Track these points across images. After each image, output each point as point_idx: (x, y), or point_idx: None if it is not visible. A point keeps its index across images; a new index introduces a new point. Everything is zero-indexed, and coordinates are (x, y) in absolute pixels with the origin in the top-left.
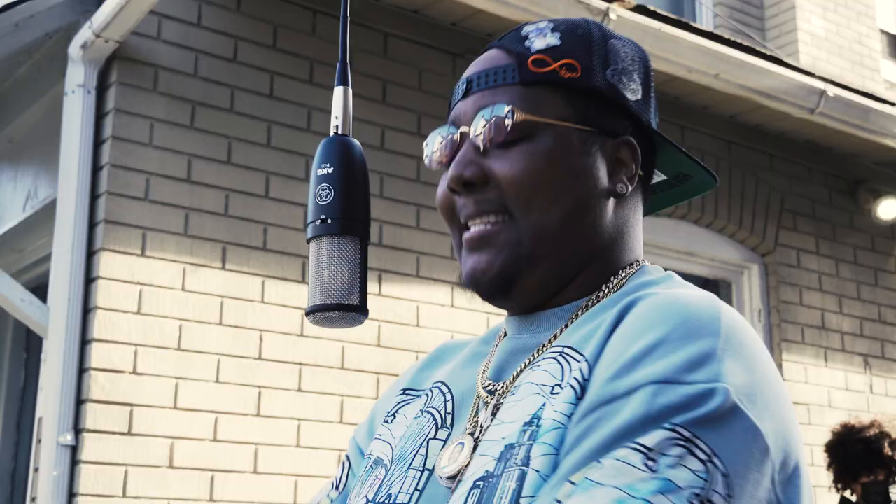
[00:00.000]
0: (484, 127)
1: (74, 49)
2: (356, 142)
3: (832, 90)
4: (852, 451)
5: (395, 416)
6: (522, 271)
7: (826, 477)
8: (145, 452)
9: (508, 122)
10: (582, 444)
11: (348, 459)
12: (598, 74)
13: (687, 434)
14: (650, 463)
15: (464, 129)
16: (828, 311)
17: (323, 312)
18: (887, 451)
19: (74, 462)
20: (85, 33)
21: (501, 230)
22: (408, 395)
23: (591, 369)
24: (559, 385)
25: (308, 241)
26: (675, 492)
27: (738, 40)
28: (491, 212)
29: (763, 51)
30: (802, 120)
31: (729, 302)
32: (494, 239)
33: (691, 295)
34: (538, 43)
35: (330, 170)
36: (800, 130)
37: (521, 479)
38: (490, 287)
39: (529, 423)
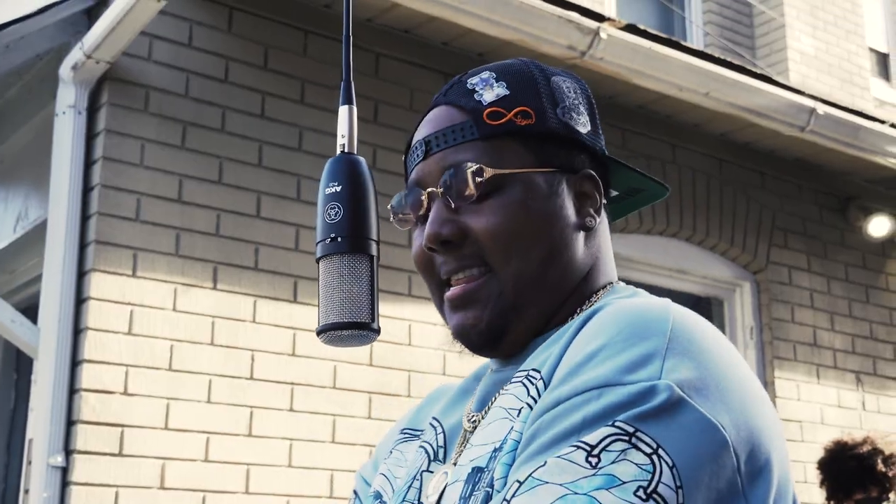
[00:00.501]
0: (453, 186)
1: (65, 70)
2: (363, 160)
3: (822, 108)
4: (845, 468)
5: (391, 453)
6: (511, 321)
7: (819, 494)
8: (136, 473)
9: (479, 179)
10: (528, 447)
11: (356, 494)
12: (550, 116)
13: (629, 429)
14: (593, 460)
15: (431, 189)
16: (820, 329)
17: (335, 331)
18: (881, 467)
19: (65, 483)
20: (76, 54)
21: (482, 285)
22: (406, 434)
23: (545, 385)
24: (525, 406)
25: (318, 261)
26: (620, 486)
27: (729, 59)
28: (471, 266)
29: (753, 69)
30: (793, 138)
31: (721, 319)
32: (477, 294)
33: (644, 302)
34: (487, 95)
35: (338, 188)
36: (790, 148)
37: (486, 500)
38: (480, 341)
39: (499, 449)
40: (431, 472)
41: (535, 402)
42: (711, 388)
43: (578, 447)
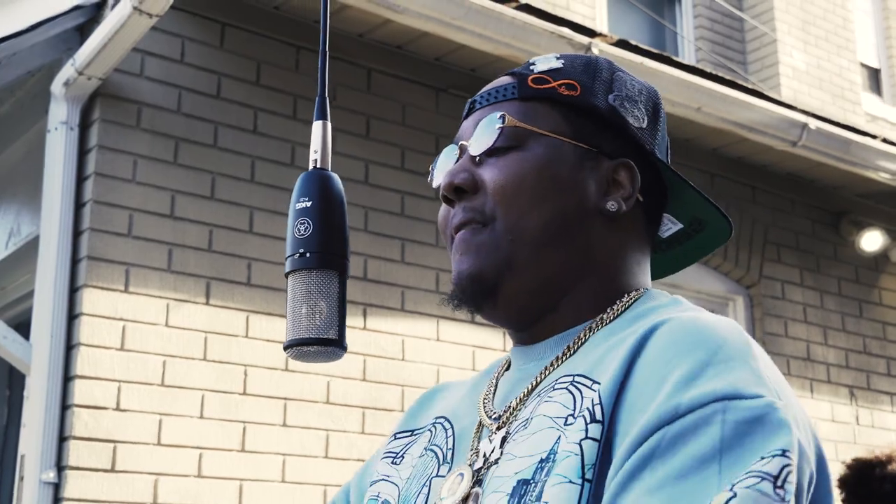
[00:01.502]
0: (480, 137)
1: (57, 86)
2: (335, 175)
3: (814, 123)
4: (879, 492)
5: (403, 458)
6: (504, 276)
7: None
8: (129, 489)
9: (500, 126)
10: (661, 463)
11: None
12: (598, 96)
13: (793, 458)
14: (780, 492)
15: (463, 142)
16: (813, 343)
17: (301, 347)
18: None
19: (57, 500)
20: (68, 71)
21: (481, 234)
22: (401, 435)
23: (612, 395)
24: (572, 415)
25: (286, 276)
26: None
27: (720, 74)
28: (474, 219)
29: (745, 84)
30: (785, 153)
31: None
32: (475, 241)
33: (714, 319)
34: (541, 66)
35: (308, 203)
36: (782, 163)
37: None
38: (472, 290)
39: (546, 460)
40: (441, 476)
41: (589, 412)
42: (796, 408)
43: (763, 479)
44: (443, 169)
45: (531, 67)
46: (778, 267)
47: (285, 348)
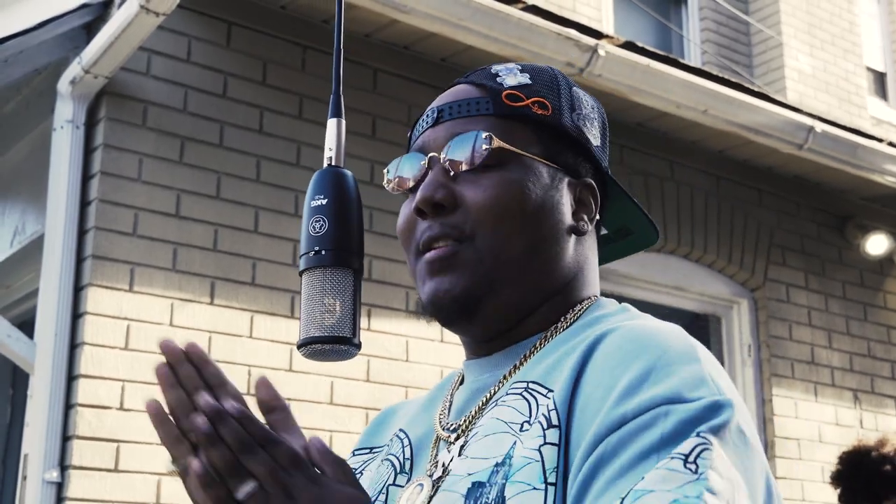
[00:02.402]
0: (459, 152)
1: (63, 85)
2: (350, 173)
3: (820, 126)
4: (880, 473)
5: (362, 473)
6: (486, 295)
7: None
8: (132, 489)
9: (486, 147)
10: (608, 466)
11: None
12: (566, 115)
13: (713, 440)
14: (692, 466)
15: (433, 154)
16: (817, 346)
17: (315, 345)
18: None
19: (60, 499)
20: (74, 69)
21: (462, 252)
22: (359, 453)
23: (566, 402)
24: (528, 422)
25: (300, 273)
26: (716, 495)
27: (726, 77)
28: (452, 237)
29: (751, 87)
30: (791, 156)
31: (719, 337)
32: (456, 261)
33: (658, 325)
34: (510, 80)
35: (323, 201)
36: (788, 166)
37: None
38: (452, 309)
39: (502, 464)
40: (398, 485)
41: (546, 418)
42: (743, 411)
43: (673, 458)
44: (404, 176)
45: (499, 80)
46: (783, 270)
47: (299, 347)
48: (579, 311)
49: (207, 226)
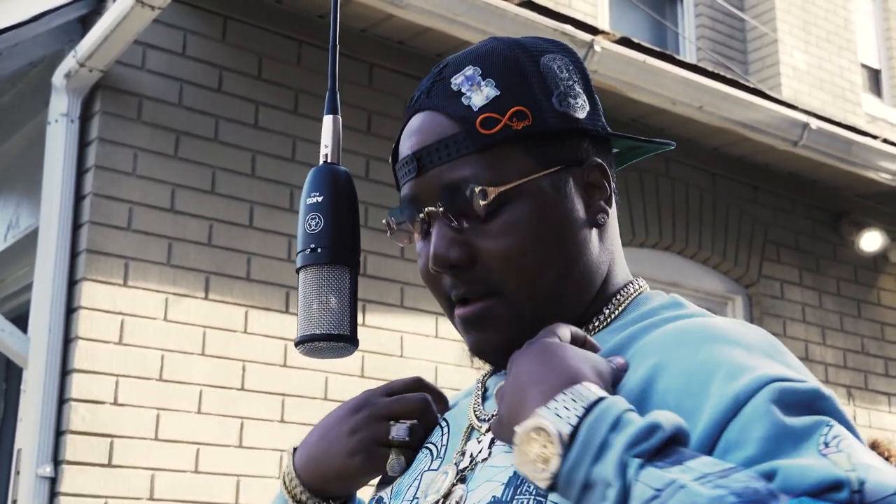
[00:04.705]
0: (456, 207)
1: (58, 78)
2: (346, 170)
3: (815, 123)
4: None
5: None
6: (530, 336)
7: None
8: (126, 484)
9: (483, 202)
10: (737, 449)
11: None
12: (546, 111)
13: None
14: (831, 443)
15: (430, 209)
16: (811, 343)
17: (312, 343)
18: None
19: (53, 494)
20: (69, 62)
21: (495, 308)
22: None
23: (638, 390)
24: None
25: (297, 271)
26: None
27: (722, 73)
28: (483, 291)
29: (746, 84)
30: (786, 152)
31: None
32: (491, 315)
33: (726, 319)
34: (476, 98)
35: (319, 199)
36: (783, 163)
37: None
38: (501, 356)
39: None
40: (432, 469)
41: None
42: None
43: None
44: (408, 231)
45: (465, 102)
46: (777, 266)
47: (297, 344)
48: (623, 300)
49: (202, 220)
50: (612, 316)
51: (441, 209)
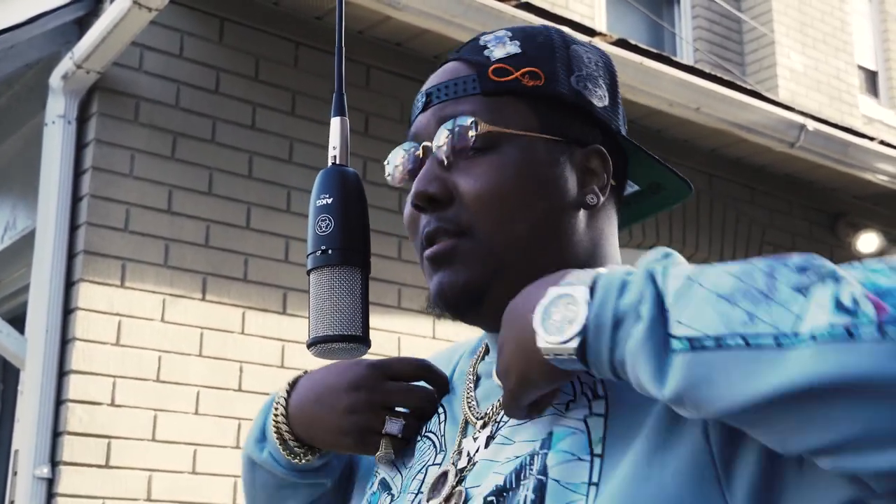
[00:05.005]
0: (446, 139)
1: (55, 80)
2: (355, 171)
3: (812, 125)
4: None
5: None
6: (492, 284)
7: None
8: (123, 485)
9: (472, 133)
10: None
11: None
12: (562, 81)
13: None
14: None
15: (426, 143)
16: None
17: (326, 344)
18: None
19: (51, 495)
20: (66, 64)
21: (461, 246)
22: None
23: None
24: (572, 400)
25: (308, 273)
26: None
27: (719, 75)
28: (450, 231)
29: (743, 85)
30: (783, 154)
31: None
32: (456, 255)
33: None
34: (498, 52)
35: (329, 200)
36: (780, 164)
37: (539, 489)
38: (460, 300)
39: (547, 439)
40: (437, 464)
41: (592, 390)
42: None
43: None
44: (402, 166)
45: (486, 53)
46: None
47: (309, 346)
48: None
49: (199, 221)
50: None
51: (435, 143)
